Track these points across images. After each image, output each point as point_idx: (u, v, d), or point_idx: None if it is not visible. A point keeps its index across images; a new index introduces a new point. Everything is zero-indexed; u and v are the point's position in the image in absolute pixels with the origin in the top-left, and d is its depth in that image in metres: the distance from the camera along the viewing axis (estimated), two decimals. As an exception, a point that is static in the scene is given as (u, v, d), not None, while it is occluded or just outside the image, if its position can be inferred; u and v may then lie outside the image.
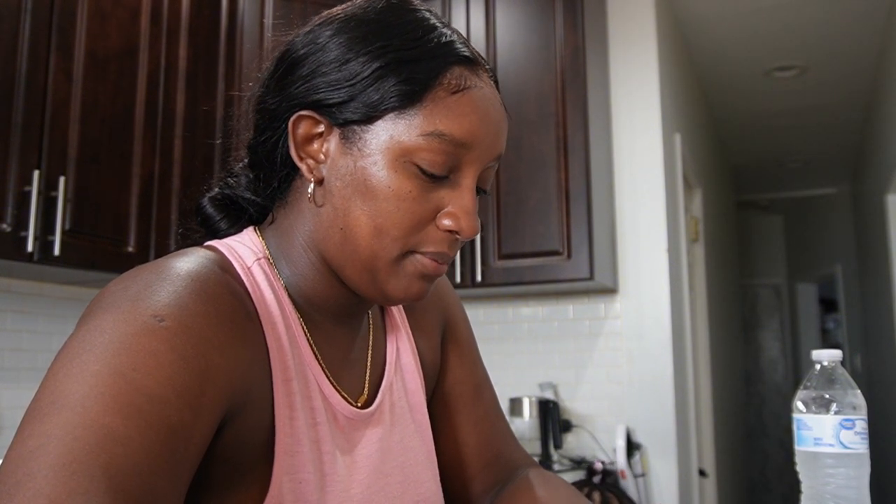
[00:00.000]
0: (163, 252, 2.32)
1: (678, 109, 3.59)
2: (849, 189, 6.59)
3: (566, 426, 2.84)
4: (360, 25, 0.72)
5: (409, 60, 0.70)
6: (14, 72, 1.99)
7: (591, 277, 2.60)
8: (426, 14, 0.75)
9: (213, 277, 0.66)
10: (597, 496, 2.43)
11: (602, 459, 2.71)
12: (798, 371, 7.47)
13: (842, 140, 5.67)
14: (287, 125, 0.73)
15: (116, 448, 0.52)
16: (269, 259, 0.76)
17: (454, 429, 0.93)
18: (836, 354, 0.81)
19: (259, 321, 0.70)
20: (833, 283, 6.99)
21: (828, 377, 0.80)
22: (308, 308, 0.77)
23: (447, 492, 0.92)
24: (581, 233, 2.60)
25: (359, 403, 0.79)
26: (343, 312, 0.79)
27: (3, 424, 2.32)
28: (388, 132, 0.70)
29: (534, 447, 2.75)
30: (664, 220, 2.97)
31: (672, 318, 2.95)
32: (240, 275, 0.71)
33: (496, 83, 0.77)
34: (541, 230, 2.65)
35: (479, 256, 2.69)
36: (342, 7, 0.76)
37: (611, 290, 2.95)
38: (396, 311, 0.89)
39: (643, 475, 2.76)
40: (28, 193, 1.98)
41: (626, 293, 2.96)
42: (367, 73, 0.70)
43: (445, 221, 0.72)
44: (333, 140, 0.72)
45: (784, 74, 4.47)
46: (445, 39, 0.72)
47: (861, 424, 0.77)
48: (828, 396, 0.78)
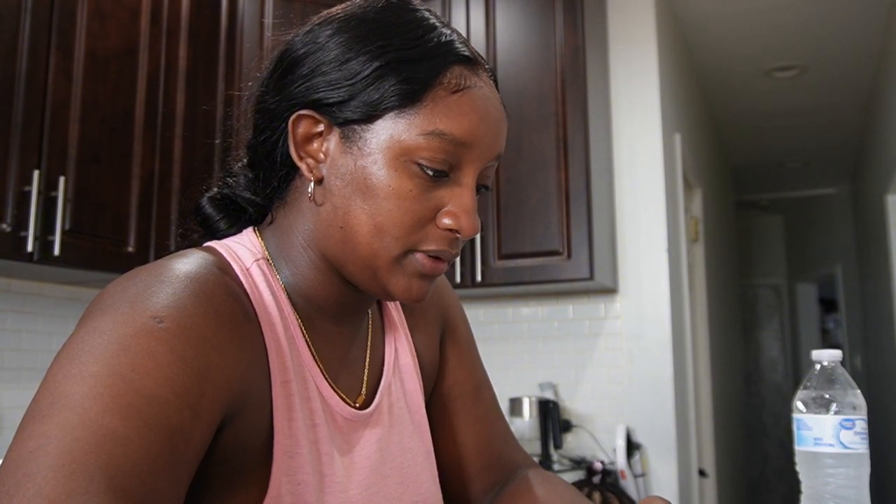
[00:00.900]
0: (163, 252, 2.32)
1: (678, 109, 3.59)
2: (849, 189, 6.59)
3: (566, 426, 2.84)
4: (360, 25, 0.72)
5: (410, 60, 0.70)
6: (14, 72, 1.99)
7: (591, 277, 2.60)
8: (426, 14, 0.75)
9: (212, 279, 0.66)
10: (597, 496, 2.43)
11: (602, 459, 2.71)
12: (798, 371, 7.47)
13: (842, 140, 5.67)
14: (287, 125, 0.73)
15: (116, 448, 0.52)
16: (268, 260, 0.76)
17: (453, 429, 0.93)
18: (836, 354, 0.81)
19: (258, 322, 0.70)
20: (833, 283, 6.99)
21: (828, 377, 0.80)
22: (307, 308, 0.77)
23: (446, 492, 0.92)
24: (581, 233, 2.60)
25: (357, 404, 0.79)
26: (343, 311, 0.79)
27: (3, 424, 2.32)
28: (389, 131, 0.70)
29: (534, 447, 2.75)
30: (664, 220, 2.97)
31: (672, 318, 2.95)
32: (238, 276, 0.71)
33: (496, 83, 0.77)
34: (541, 230, 2.65)
35: (479, 256, 2.69)
36: (342, 7, 0.76)
37: (611, 290, 2.95)
38: (395, 311, 0.89)
39: (643, 475, 2.76)
40: (28, 193, 1.98)
41: (626, 293, 2.96)
42: (368, 73, 0.70)
43: (445, 220, 0.72)
44: (333, 139, 0.72)
45: (784, 74, 4.47)
46: (445, 39, 0.73)
47: (861, 424, 0.77)
48: (828, 396, 0.78)
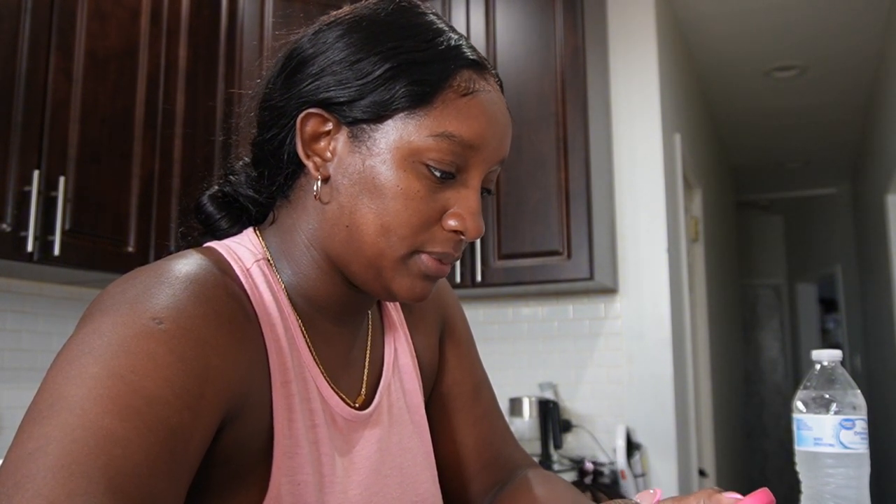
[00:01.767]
0: (163, 252, 2.32)
1: (678, 109, 3.59)
2: (849, 189, 6.59)
3: (566, 426, 2.84)
4: (371, 26, 0.73)
5: (421, 62, 0.71)
6: (14, 72, 1.99)
7: (591, 277, 2.60)
8: (434, 18, 0.76)
9: (212, 280, 0.66)
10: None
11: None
12: (798, 371, 7.47)
13: (842, 140, 5.67)
14: (294, 122, 0.74)
15: (115, 449, 0.52)
16: (269, 260, 0.76)
17: (453, 429, 0.93)
18: (836, 354, 0.81)
19: (258, 323, 0.70)
20: (833, 283, 6.99)
21: (828, 377, 0.80)
22: (308, 308, 0.77)
23: (446, 492, 0.92)
24: (581, 233, 2.60)
25: (357, 404, 0.79)
26: (344, 311, 0.79)
27: (3, 424, 2.32)
28: (398, 132, 0.70)
29: (534, 447, 2.76)
30: (664, 220, 2.97)
31: (672, 318, 2.95)
32: (239, 276, 0.71)
33: (501, 88, 0.78)
34: (541, 230, 2.65)
35: (479, 256, 2.69)
36: (350, 8, 0.77)
37: (611, 290, 2.95)
38: (394, 312, 0.89)
39: (643, 475, 2.76)
40: (28, 193, 1.98)
41: (626, 293, 2.96)
42: (378, 73, 0.71)
43: (451, 222, 0.72)
44: (341, 138, 0.73)
45: (784, 74, 4.47)
46: (454, 43, 0.74)
47: (861, 424, 0.77)
48: (828, 396, 0.78)
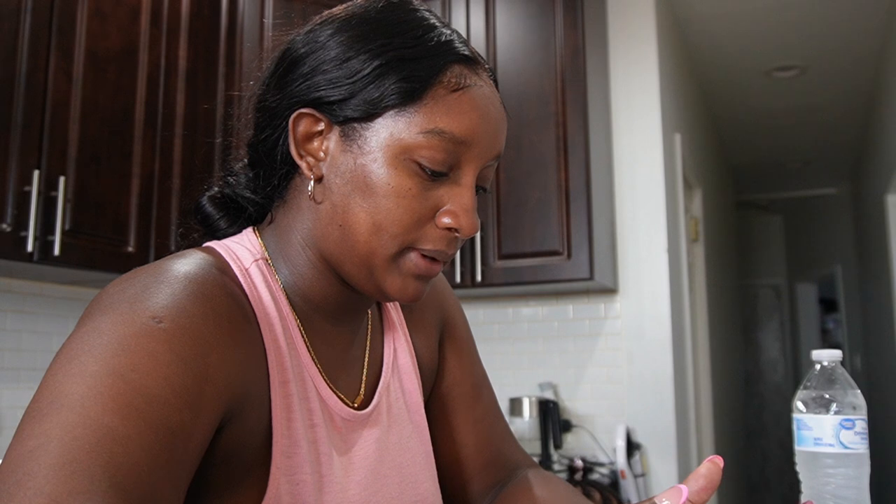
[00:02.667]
0: (163, 252, 2.32)
1: (678, 109, 3.59)
2: (849, 189, 6.59)
3: (566, 426, 2.84)
4: (361, 24, 0.73)
5: (410, 59, 0.70)
6: (14, 72, 1.99)
7: (591, 277, 2.60)
8: (426, 13, 0.75)
9: (211, 279, 0.66)
10: (597, 496, 2.43)
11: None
12: (798, 371, 7.47)
13: (842, 140, 5.67)
14: (287, 123, 0.73)
15: (116, 447, 0.52)
16: (268, 260, 0.76)
17: (453, 429, 0.93)
18: (836, 354, 0.81)
19: (257, 323, 0.70)
20: (833, 283, 6.99)
21: (828, 377, 0.80)
22: (306, 308, 0.77)
23: (446, 492, 0.92)
24: (581, 233, 2.60)
25: (356, 404, 0.79)
26: (342, 311, 0.79)
27: (3, 424, 2.32)
28: (388, 130, 0.70)
29: (534, 447, 2.76)
30: (664, 220, 2.98)
31: (672, 318, 2.95)
32: (237, 276, 0.71)
33: (495, 82, 0.77)
34: (541, 230, 2.65)
35: (479, 256, 2.69)
36: (343, 7, 0.77)
37: (611, 290, 2.95)
38: (394, 311, 0.89)
39: (643, 475, 2.76)
40: (28, 193, 1.98)
41: (626, 293, 2.96)
42: (368, 71, 0.70)
43: (445, 219, 0.72)
44: (333, 138, 0.73)
45: (784, 74, 4.47)
46: (445, 38, 0.73)
47: (861, 424, 0.77)
48: (828, 396, 0.78)
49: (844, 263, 6.63)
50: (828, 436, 0.77)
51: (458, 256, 2.71)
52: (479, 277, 2.68)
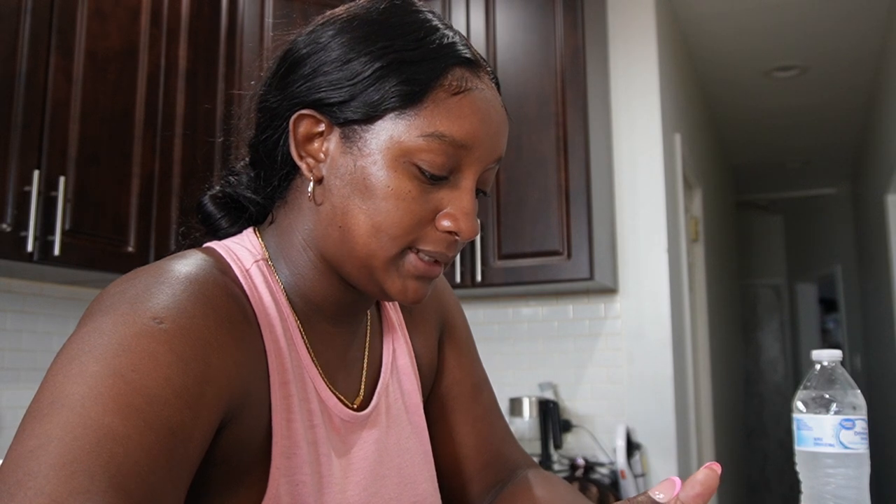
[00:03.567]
0: (163, 252, 2.32)
1: (678, 109, 3.59)
2: (849, 189, 6.59)
3: (566, 426, 2.84)
4: (363, 25, 0.73)
5: (411, 61, 0.70)
6: (14, 72, 1.99)
7: (591, 277, 2.60)
8: (428, 15, 0.75)
9: (212, 280, 0.66)
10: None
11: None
12: (798, 371, 7.47)
13: (842, 140, 5.67)
14: (288, 124, 0.73)
15: (116, 447, 0.52)
16: (268, 260, 0.76)
17: (452, 429, 0.93)
18: (836, 354, 0.81)
19: (257, 323, 0.70)
20: (833, 283, 6.99)
21: (828, 377, 0.80)
22: (306, 309, 0.77)
23: (446, 492, 0.92)
24: (581, 233, 2.60)
25: (354, 405, 0.79)
26: (342, 312, 0.79)
27: (3, 424, 2.32)
28: (389, 132, 0.70)
29: (534, 447, 2.76)
30: (664, 220, 2.98)
31: (672, 318, 2.95)
32: (238, 277, 0.71)
33: (497, 85, 0.77)
34: (541, 230, 2.65)
35: (479, 256, 2.69)
36: (345, 7, 0.76)
37: (611, 290, 2.95)
38: (393, 312, 0.89)
39: (643, 475, 2.76)
40: (28, 193, 1.98)
41: (626, 293, 2.96)
42: (369, 73, 0.70)
43: (444, 222, 0.72)
44: (334, 139, 0.72)
45: (784, 74, 4.47)
46: (447, 41, 0.73)
47: (861, 424, 0.77)
48: (828, 396, 0.78)
49: (844, 263, 6.63)
50: (828, 436, 0.77)
51: (458, 256, 2.71)
52: (479, 277, 2.68)
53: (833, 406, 0.78)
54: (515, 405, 2.82)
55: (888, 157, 4.29)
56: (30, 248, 1.98)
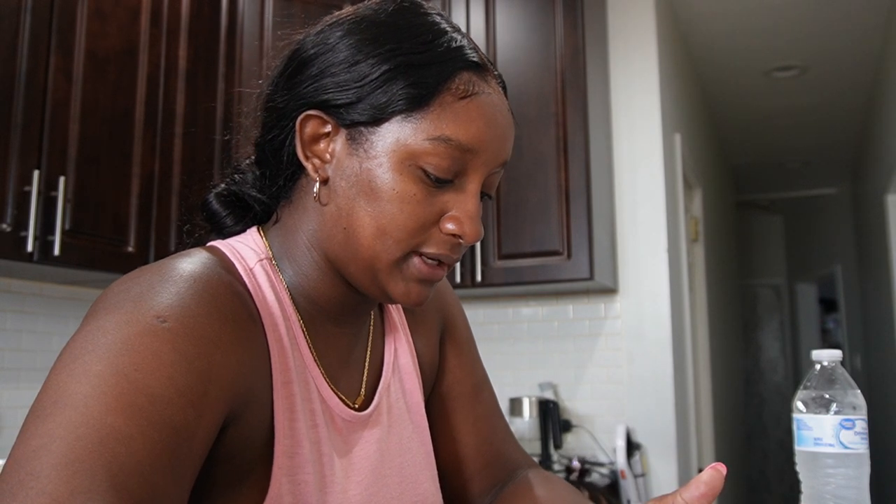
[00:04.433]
0: (163, 252, 2.32)
1: (678, 109, 3.59)
2: (849, 189, 6.59)
3: (566, 426, 2.85)
4: (371, 27, 0.72)
5: (419, 64, 0.70)
6: (14, 72, 1.99)
7: (591, 277, 2.60)
8: (437, 18, 0.74)
9: (216, 279, 0.66)
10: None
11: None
12: (798, 371, 7.47)
13: (842, 140, 5.67)
14: (294, 124, 0.73)
15: (119, 447, 0.52)
16: (272, 260, 0.76)
17: (453, 429, 0.93)
18: (836, 354, 0.81)
19: (261, 323, 0.70)
20: (833, 283, 6.99)
21: (828, 377, 0.80)
22: (310, 309, 0.77)
23: (446, 492, 0.92)
24: (581, 233, 2.60)
25: (356, 405, 0.79)
26: (345, 312, 0.79)
27: (4, 424, 2.32)
28: (395, 135, 0.70)
29: (534, 447, 2.76)
30: (664, 220, 2.98)
31: (672, 318, 2.95)
32: (242, 276, 0.71)
33: (504, 89, 0.77)
34: (541, 230, 2.66)
35: (479, 256, 2.69)
36: (353, 8, 0.76)
37: (611, 290, 2.95)
38: (395, 312, 0.89)
39: (643, 475, 2.76)
40: (28, 193, 1.98)
41: (626, 293, 2.96)
42: (376, 76, 0.70)
43: (449, 225, 0.72)
44: (340, 140, 0.72)
45: (784, 74, 4.47)
46: (455, 44, 0.72)
47: (861, 424, 0.77)
48: (828, 396, 0.78)
49: (844, 263, 6.63)
50: (828, 436, 0.77)
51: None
52: (479, 277, 2.68)
53: (833, 406, 0.78)
54: (515, 405, 2.82)
55: (888, 157, 4.29)
56: (30, 248, 1.98)
